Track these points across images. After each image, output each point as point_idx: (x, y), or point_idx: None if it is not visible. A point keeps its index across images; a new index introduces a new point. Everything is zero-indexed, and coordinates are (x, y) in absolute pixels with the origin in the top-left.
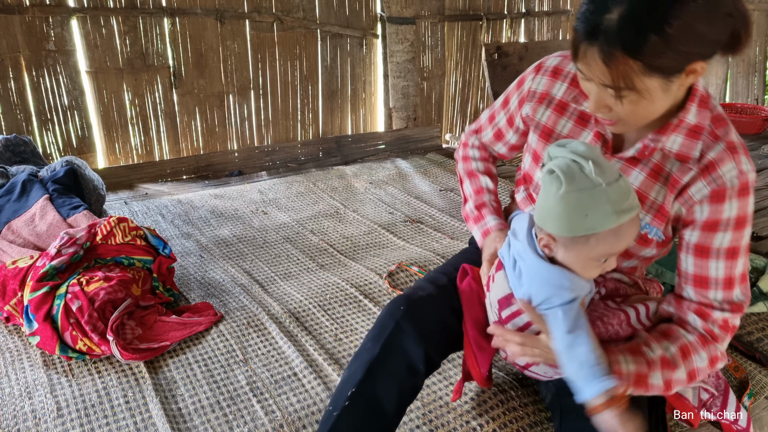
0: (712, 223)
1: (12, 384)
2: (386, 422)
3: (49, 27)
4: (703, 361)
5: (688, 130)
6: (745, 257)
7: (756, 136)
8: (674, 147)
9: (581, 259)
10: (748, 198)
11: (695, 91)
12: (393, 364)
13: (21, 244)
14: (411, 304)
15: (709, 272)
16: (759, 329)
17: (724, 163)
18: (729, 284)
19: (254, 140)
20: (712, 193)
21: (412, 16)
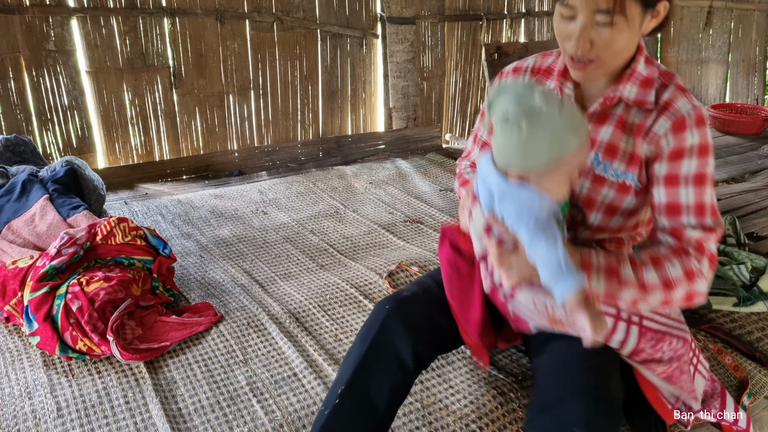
0: (677, 152)
1: (12, 384)
2: (378, 419)
3: (49, 27)
4: (678, 271)
5: (640, 81)
6: (712, 188)
7: (756, 136)
8: (631, 95)
9: (552, 181)
10: (706, 129)
11: (641, 48)
12: (381, 361)
13: (21, 244)
14: (397, 303)
15: (680, 198)
16: (759, 329)
17: (678, 100)
18: (700, 210)
19: (254, 140)
20: (673, 124)
21: (412, 16)
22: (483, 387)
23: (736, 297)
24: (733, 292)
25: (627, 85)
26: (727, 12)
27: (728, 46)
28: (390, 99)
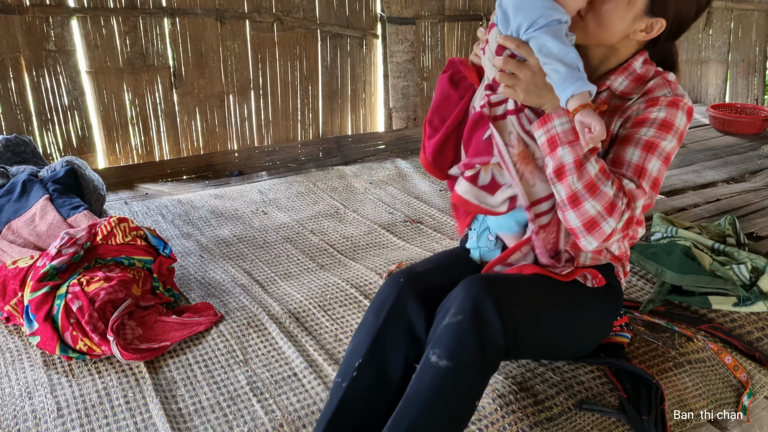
0: (640, 120)
1: (12, 384)
2: (394, 392)
3: (49, 27)
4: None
5: (634, 77)
6: (661, 165)
7: (756, 136)
8: (620, 87)
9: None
10: (677, 111)
11: (643, 51)
12: (397, 333)
13: (21, 244)
14: (411, 277)
15: (625, 155)
16: (759, 329)
17: (660, 89)
18: (639, 172)
19: (254, 140)
20: (646, 103)
21: (412, 16)
22: None
23: (736, 297)
24: (733, 292)
25: (619, 77)
26: (727, 12)
27: (728, 46)
28: (390, 99)
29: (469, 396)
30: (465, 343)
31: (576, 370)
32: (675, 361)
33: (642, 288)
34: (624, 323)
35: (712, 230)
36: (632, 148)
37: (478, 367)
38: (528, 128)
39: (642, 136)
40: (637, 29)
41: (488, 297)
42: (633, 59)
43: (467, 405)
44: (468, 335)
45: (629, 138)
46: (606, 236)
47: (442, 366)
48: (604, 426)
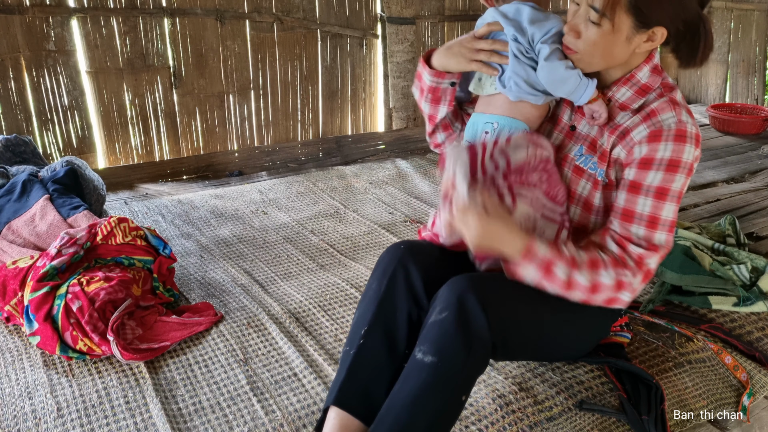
0: (646, 161)
1: (12, 384)
2: (400, 357)
3: (49, 27)
4: (609, 279)
5: (638, 87)
6: (675, 206)
7: (756, 136)
8: (621, 98)
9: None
10: (684, 145)
11: (652, 56)
12: (400, 299)
13: (21, 244)
14: (410, 244)
15: (636, 207)
16: (759, 329)
17: (664, 112)
18: (653, 223)
19: (254, 140)
20: (649, 134)
21: (412, 16)
22: (482, 389)
23: (736, 297)
24: (733, 292)
25: (622, 88)
26: (727, 12)
27: (728, 46)
28: (390, 99)
29: (456, 392)
30: (450, 339)
31: (576, 369)
32: (675, 361)
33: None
34: (624, 323)
35: (712, 230)
36: (642, 198)
37: (464, 363)
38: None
39: (651, 183)
40: (640, 43)
41: (473, 294)
42: (636, 69)
43: (454, 401)
44: (453, 331)
45: (638, 186)
46: (627, 302)
47: (428, 362)
48: (605, 426)
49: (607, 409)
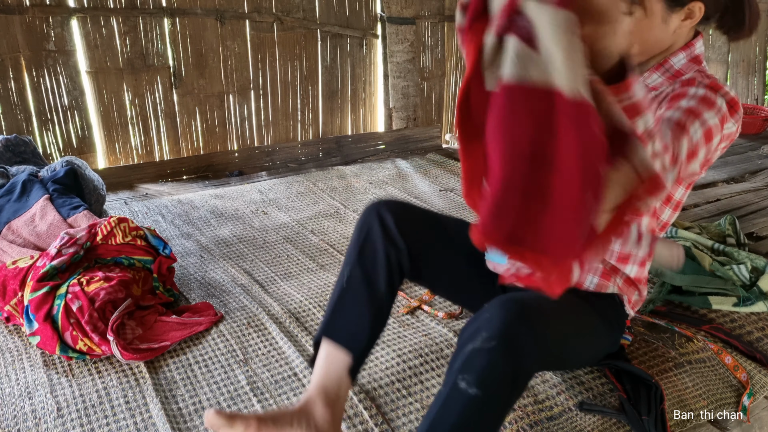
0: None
1: (12, 384)
2: (379, 298)
3: (49, 27)
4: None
5: (671, 73)
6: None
7: (756, 136)
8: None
9: None
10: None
11: (692, 44)
12: (378, 242)
13: (21, 244)
14: (386, 199)
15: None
16: (759, 329)
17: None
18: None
19: (254, 140)
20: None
21: (412, 16)
22: None
23: (736, 297)
24: (733, 292)
25: (654, 74)
26: None
27: (728, 46)
28: (390, 99)
29: (496, 423)
30: (497, 373)
31: (575, 370)
32: (675, 361)
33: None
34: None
35: (712, 230)
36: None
37: (509, 397)
38: None
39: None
40: (678, 22)
41: (525, 326)
42: (672, 54)
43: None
44: (501, 365)
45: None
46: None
47: (472, 394)
48: (605, 427)
49: (608, 410)
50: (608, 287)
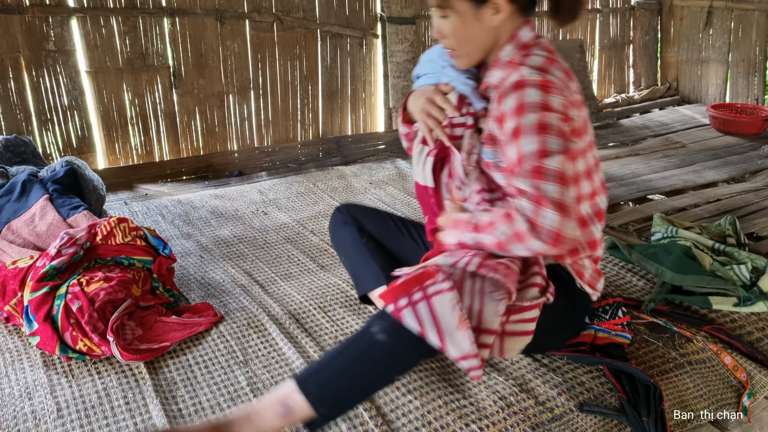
0: (519, 107)
1: (12, 384)
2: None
3: (49, 27)
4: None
5: (504, 65)
6: (538, 137)
7: (756, 136)
8: (494, 80)
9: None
10: (524, 90)
11: (515, 35)
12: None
13: (21, 244)
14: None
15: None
16: (759, 329)
17: (513, 76)
18: (520, 161)
19: (254, 140)
20: (498, 96)
21: (412, 16)
22: (483, 390)
23: (737, 297)
24: (734, 292)
25: (493, 71)
26: (727, 12)
27: (728, 46)
28: (390, 99)
29: (390, 370)
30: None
31: (576, 370)
32: (675, 362)
33: (642, 288)
34: (625, 323)
35: (713, 230)
36: (509, 147)
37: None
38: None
39: (507, 131)
40: (491, 17)
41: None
42: (500, 50)
43: (386, 377)
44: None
45: (496, 138)
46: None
47: (378, 339)
48: (606, 428)
49: (608, 411)
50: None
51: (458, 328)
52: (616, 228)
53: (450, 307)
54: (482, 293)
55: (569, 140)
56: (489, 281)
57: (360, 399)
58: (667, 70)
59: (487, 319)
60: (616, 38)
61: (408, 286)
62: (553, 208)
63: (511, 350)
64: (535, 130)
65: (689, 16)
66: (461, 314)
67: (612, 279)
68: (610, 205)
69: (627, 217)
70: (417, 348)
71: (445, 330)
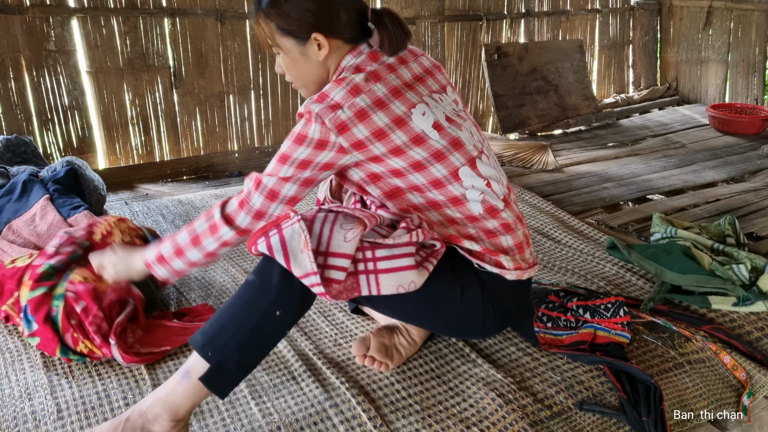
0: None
1: (12, 385)
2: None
3: (49, 27)
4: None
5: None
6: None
7: (756, 136)
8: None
9: None
10: (298, 122)
11: (338, 67)
12: None
13: (21, 244)
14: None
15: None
16: (758, 329)
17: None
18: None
19: (254, 140)
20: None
21: (412, 16)
22: (481, 389)
23: (736, 297)
24: (733, 292)
25: (318, 105)
26: (727, 12)
27: (728, 46)
28: None
29: (271, 308)
30: (272, 268)
31: (575, 369)
32: (675, 361)
33: (642, 287)
34: (625, 322)
35: (712, 230)
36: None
37: (281, 283)
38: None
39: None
40: (316, 52)
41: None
42: (329, 87)
43: (270, 317)
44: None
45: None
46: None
47: (249, 280)
48: (605, 427)
49: (608, 410)
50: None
51: (302, 252)
52: (616, 228)
53: (297, 234)
54: (333, 222)
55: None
56: (341, 215)
57: (252, 343)
58: (667, 70)
59: (335, 243)
60: (615, 38)
61: (266, 228)
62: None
63: (388, 286)
64: (278, 156)
65: (689, 16)
66: (305, 239)
67: (611, 279)
68: (610, 205)
69: (626, 217)
70: (282, 280)
71: (291, 253)
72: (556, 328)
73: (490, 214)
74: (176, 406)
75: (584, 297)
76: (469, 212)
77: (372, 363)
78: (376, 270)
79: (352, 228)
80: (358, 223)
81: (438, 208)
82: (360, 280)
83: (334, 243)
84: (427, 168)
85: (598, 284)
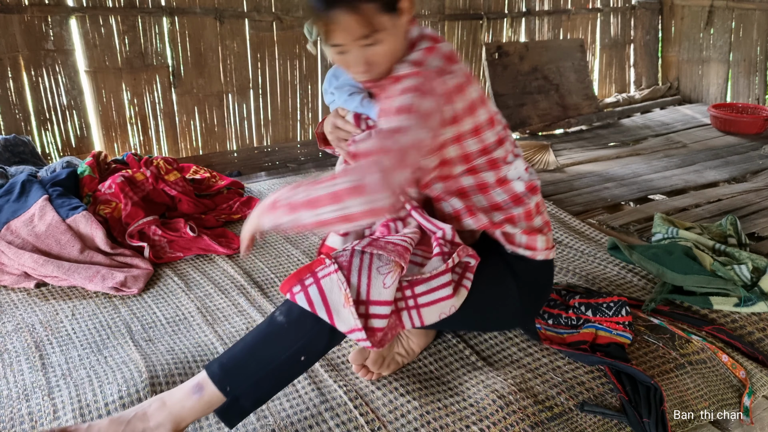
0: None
1: (10, 386)
2: None
3: (47, 26)
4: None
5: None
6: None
7: (757, 135)
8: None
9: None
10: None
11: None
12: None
13: (19, 244)
14: None
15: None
16: (760, 329)
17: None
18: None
19: (254, 140)
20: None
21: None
22: (482, 390)
23: (737, 297)
24: (734, 293)
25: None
26: (728, 11)
27: (729, 46)
28: None
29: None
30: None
31: (576, 370)
32: (676, 362)
33: (643, 288)
34: (626, 322)
35: (713, 230)
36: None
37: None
38: None
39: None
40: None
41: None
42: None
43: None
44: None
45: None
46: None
47: (277, 320)
48: (606, 428)
49: (609, 411)
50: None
51: (344, 306)
52: (617, 228)
53: (336, 287)
54: (369, 269)
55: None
56: (376, 257)
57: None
58: (668, 70)
59: (375, 291)
60: (617, 38)
61: (300, 274)
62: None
63: (430, 316)
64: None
65: (690, 15)
66: (346, 293)
67: (613, 279)
68: (611, 205)
69: (628, 217)
70: (315, 328)
71: (333, 308)
72: (557, 326)
73: (530, 192)
74: (180, 418)
75: (586, 295)
76: (513, 191)
77: (366, 374)
78: (417, 306)
79: (389, 272)
80: (394, 265)
81: (485, 192)
82: (402, 316)
83: (374, 291)
84: (483, 133)
85: (600, 285)
